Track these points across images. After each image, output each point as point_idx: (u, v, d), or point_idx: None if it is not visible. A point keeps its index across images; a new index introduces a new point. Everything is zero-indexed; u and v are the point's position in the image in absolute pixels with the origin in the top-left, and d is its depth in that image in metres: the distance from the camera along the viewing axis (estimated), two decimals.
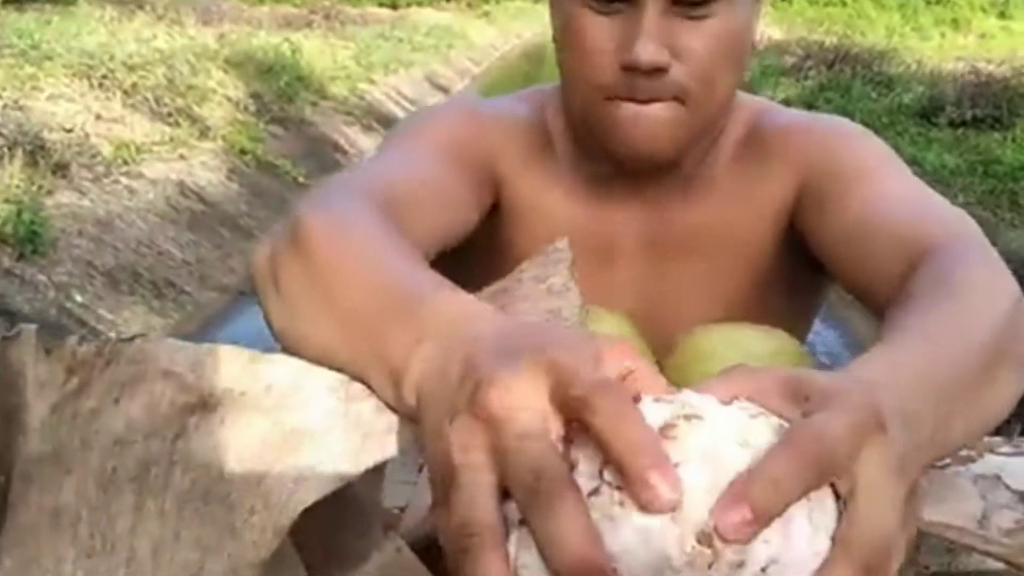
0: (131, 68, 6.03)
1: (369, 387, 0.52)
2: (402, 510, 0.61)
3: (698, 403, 0.40)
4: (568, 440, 0.40)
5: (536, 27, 22.98)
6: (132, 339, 0.50)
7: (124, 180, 5.00)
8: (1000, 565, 0.57)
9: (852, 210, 0.82)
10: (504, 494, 0.39)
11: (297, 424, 0.50)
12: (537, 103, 0.98)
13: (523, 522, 0.38)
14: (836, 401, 0.41)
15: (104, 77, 5.75)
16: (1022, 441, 0.70)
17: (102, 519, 0.48)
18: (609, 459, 0.38)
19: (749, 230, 0.94)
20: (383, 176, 0.81)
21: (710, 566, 0.36)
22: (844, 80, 9.17)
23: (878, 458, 0.40)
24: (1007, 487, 0.61)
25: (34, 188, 4.27)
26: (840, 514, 0.39)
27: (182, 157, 5.60)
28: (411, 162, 0.86)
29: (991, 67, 8.38)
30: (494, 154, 0.93)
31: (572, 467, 0.39)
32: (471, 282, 0.86)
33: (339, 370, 0.54)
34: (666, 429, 0.39)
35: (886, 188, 0.84)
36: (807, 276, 0.95)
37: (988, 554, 0.54)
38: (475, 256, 0.88)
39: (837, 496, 0.39)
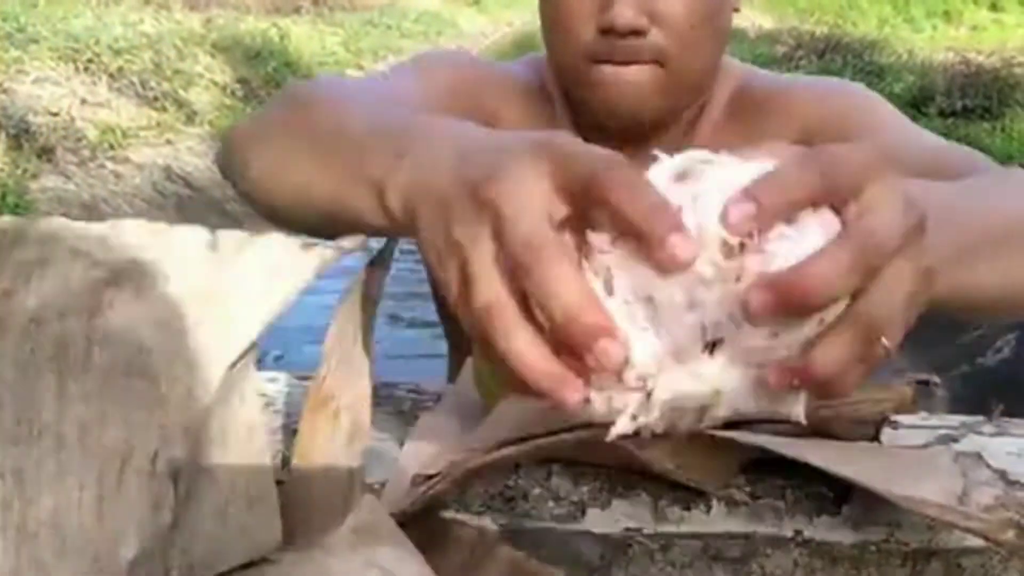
0: (117, 52, 5.99)
1: (350, 213, 0.54)
2: (382, 486, 0.60)
3: (710, 155, 0.42)
4: (572, 221, 0.40)
5: (526, 15, 22.94)
6: (36, 220, 0.49)
7: (110, 164, 4.97)
8: (980, 542, 0.57)
9: None
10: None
11: (208, 284, 0.50)
12: (536, 68, 1.00)
13: None
14: (853, 146, 0.42)
15: (90, 61, 5.72)
16: (1003, 421, 0.71)
17: (26, 405, 0.48)
18: (624, 229, 0.38)
19: None
20: (375, 90, 0.82)
21: (738, 278, 0.37)
22: (835, 70, 9.19)
23: (886, 189, 0.40)
24: (988, 465, 0.62)
25: (19, 172, 4.24)
26: None
27: (168, 142, 5.57)
28: (405, 93, 0.86)
29: (981, 58, 8.42)
30: (493, 110, 0.94)
31: (584, 248, 0.40)
32: None
33: (317, 206, 0.57)
34: (682, 174, 0.40)
35: (903, 139, 0.86)
36: None
37: (968, 530, 0.54)
38: None
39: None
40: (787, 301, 0.36)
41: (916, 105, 7.54)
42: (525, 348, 0.39)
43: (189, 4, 9.41)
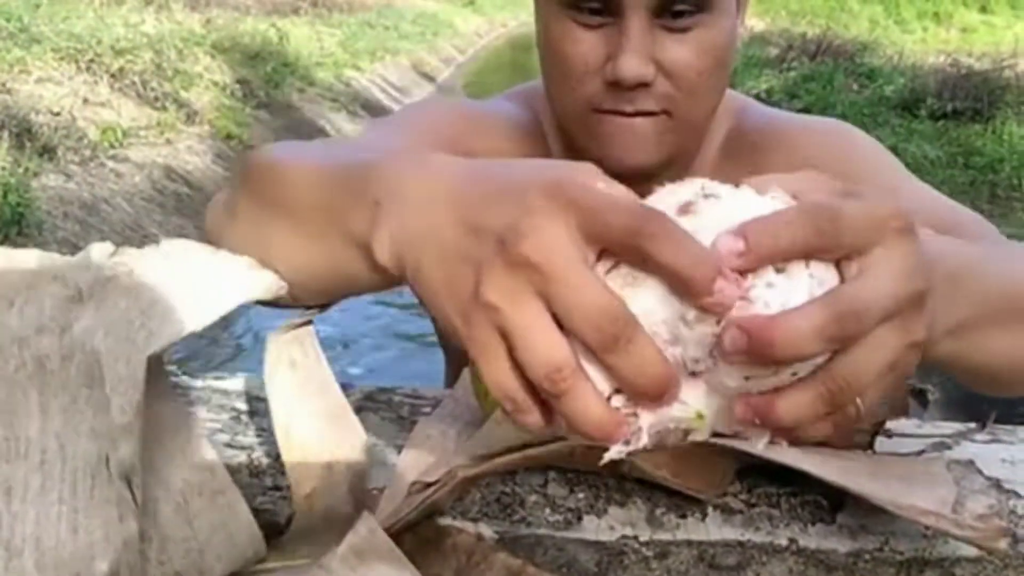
0: (119, 52, 6.00)
1: (342, 280, 0.53)
2: (381, 491, 0.60)
3: (715, 186, 0.41)
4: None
5: (522, 16, 22.90)
6: (24, 250, 0.54)
7: (110, 163, 4.99)
8: (974, 551, 0.57)
9: None
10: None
11: (156, 295, 0.53)
12: (528, 103, 0.97)
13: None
14: (868, 194, 0.40)
15: (92, 61, 5.73)
16: (997, 429, 0.71)
17: (12, 423, 0.49)
18: (674, 281, 0.38)
19: None
20: (343, 145, 0.77)
21: (718, 321, 0.37)
22: (826, 71, 9.18)
23: (892, 254, 0.39)
24: (981, 474, 0.62)
25: (20, 170, 4.26)
26: None
27: (168, 141, 5.60)
28: (383, 145, 0.81)
29: (972, 60, 8.43)
30: (483, 155, 0.87)
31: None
32: None
33: (308, 281, 0.56)
34: (685, 207, 0.40)
35: (909, 191, 0.85)
36: None
37: (962, 539, 0.54)
38: None
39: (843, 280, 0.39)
40: (756, 349, 0.36)
41: (907, 107, 7.54)
42: (591, 403, 0.39)
43: (190, 5, 9.40)
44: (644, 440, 0.40)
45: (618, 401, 0.39)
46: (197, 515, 0.55)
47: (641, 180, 0.86)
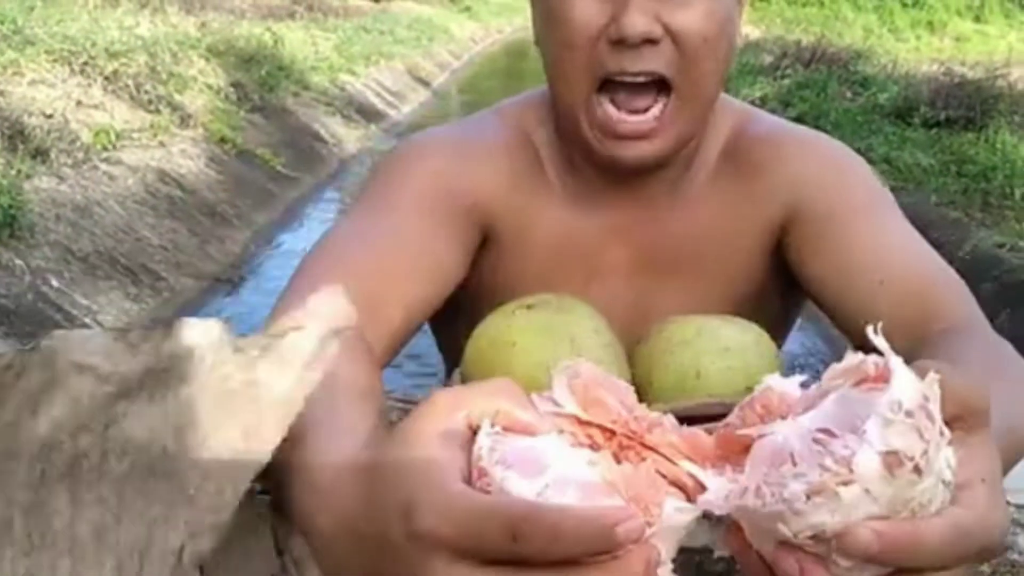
0: (113, 55, 5.98)
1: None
2: None
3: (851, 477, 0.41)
4: None
5: (517, 22, 22.93)
6: (36, 346, 0.50)
7: (103, 166, 4.98)
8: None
9: (850, 256, 0.85)
10: None
11: (224, 387, 0.51)
12: (518, 118, 0.97)
13: None
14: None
15: (86, 64, 5.71)
16: None
17: (37, 519, 0.49)
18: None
19: (734, 243, 0.94)
20: (361, 254, 0.81)
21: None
22: (820, 79, 9.20)
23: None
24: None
25: (13, 172, 4.25)
26: None
27: (162, 144, 5.58)
28: (392, 226, 0.85)
29: (965, 69, 8.45)
30: (478, 190, 0.91)
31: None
32: (461, 313, 0.91)
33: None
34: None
35: (882, 233, 0.87)
36: (785, 291, 0.97)
37: None
38: (465, 285, 0.89)
39: None
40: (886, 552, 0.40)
41: (900, 115, 7.55)
42: None
43: (184, 8, 9.39)
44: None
45: None
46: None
47: (641, 175, 0.90)
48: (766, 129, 0.97)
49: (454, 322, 0.93)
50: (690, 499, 0.45)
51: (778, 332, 0.98)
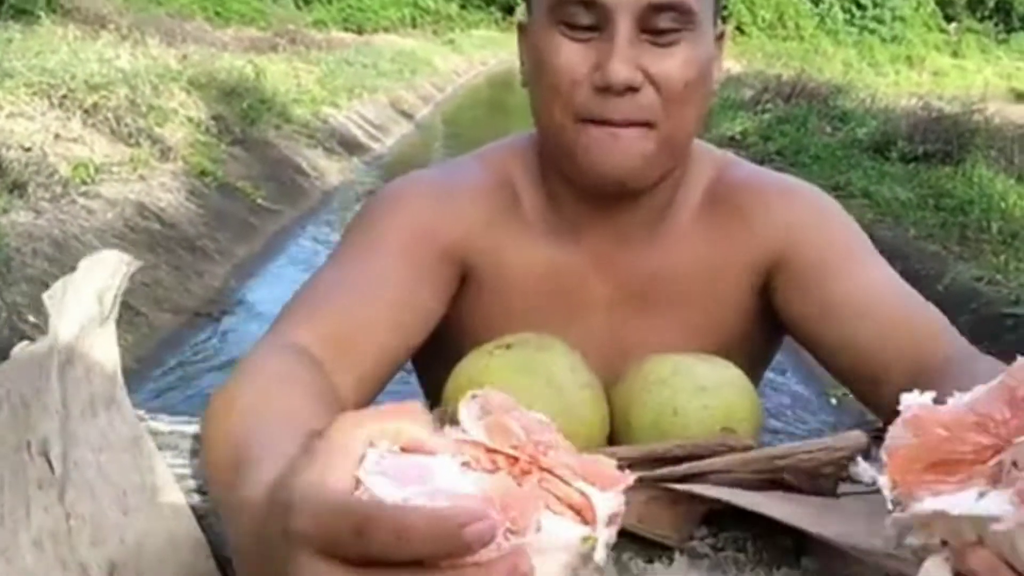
0: (93, 88, 5.98)
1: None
2: None
3: None
4: None
5: (501, 55, 23.11)
6: None
7: (82, 200, 4.95)
8: None
9: (840, 298, 0.89)
10: None
11: None
12: (499, 161, 0.99)
13: None
14: None
15: (65, 96, 5.70)
16: None
17: None
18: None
19: (716, 283, 0.96)
20: (338, 300, 0.85)
21: None
22: (800, 114, 9.31)
23: None
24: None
25: None
26: None
27: (142, 178, 5.56)
28: (372, 272, 0.87)
29: (943, 103, 8.55)
30: (456, 231, 0.93)
31: None
32: (443, 352, 0.91)
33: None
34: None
35: (867, 275, 0.91)
36: (765, 331, 0.99)
37: None
38: (446, 325, 0.92)
39: None
40: None
41: (879, 150, 7.64)
42: None
43: (165, 40, 9.42)
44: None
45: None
46: (136, 509, 0.58)
47: (621, 206, 0.92)
48: (747, 175, 1.00)
49: (436, 361, 0.95)
50: (585, 521, 0.45)
51: (756, 370, 1.00)
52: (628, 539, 0.61)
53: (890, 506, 0.49)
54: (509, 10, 32.15)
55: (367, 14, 27.44)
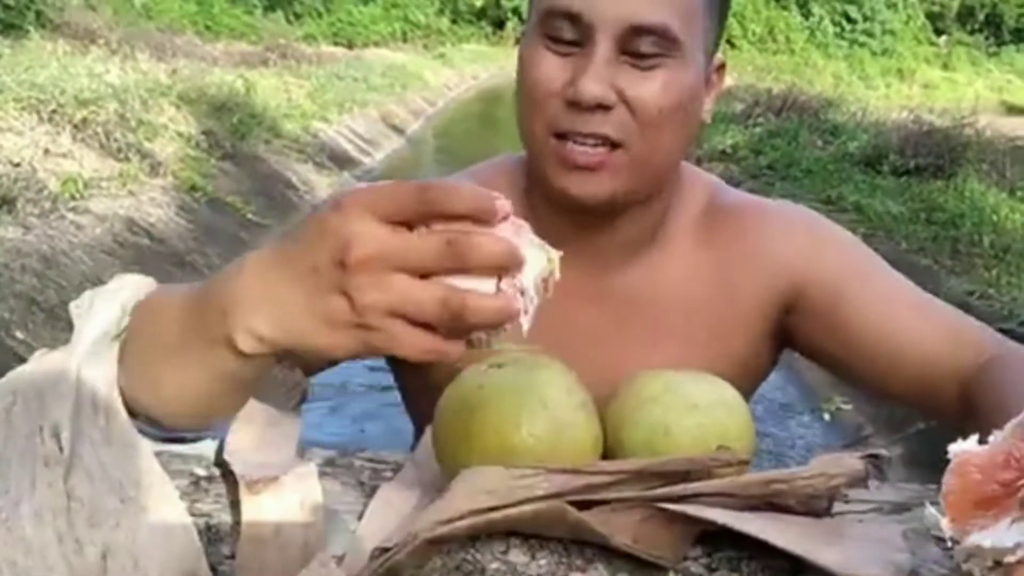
0: (82, 102, 5.96)
1: (220, 375, 0.64)
2: (341, 559, 0.62)
3: None
4: None
5: (491, 70, 23.19)
6: None
7: (71, 215, 4.93)
8: None
9: (870, 328, 0.91)
10: None
11: None
12: (487, 178, 1.01)
13: None
14: None
15: (54, 111, 5.69)
16: None
17: None
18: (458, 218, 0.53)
19: (718, 304, 0.96)
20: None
21: None
22: (791, 128, 9.35)
23: None
24: (938, 539, 0.64)
25: None
26: None
27: (131, 193, 5.54)
28: None
29: (934, 117, 8.61)
30: None
31: None
32: (427, 371, 0.93)
33: (195, 390, 0.67)
34: None
35: (889, 297, 0.93)
36: (765, 353, 1.00)
37: None
38: None
39: None
40: None
41: (870, 163, 7.67)
42: (484, 300, 0.53)
43: (156, 55, 9.42)
44: (533, 297, 0.56)
45: (505, 285, 0.54)
46: (131, 499, 0.62)
47: (598, 226, 0.92)
48: (743, 199, 1.01)
49: (419, 382, 0.96)
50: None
51: (751, 388, 1.01)
52: (623, 559, 0.61)
53: (949, 544, 0.57)
54: (500, 24, 32.29)
55: (358, 28, 27.54)
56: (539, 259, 0.56)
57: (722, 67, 0.94)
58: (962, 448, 0.58)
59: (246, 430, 0.73)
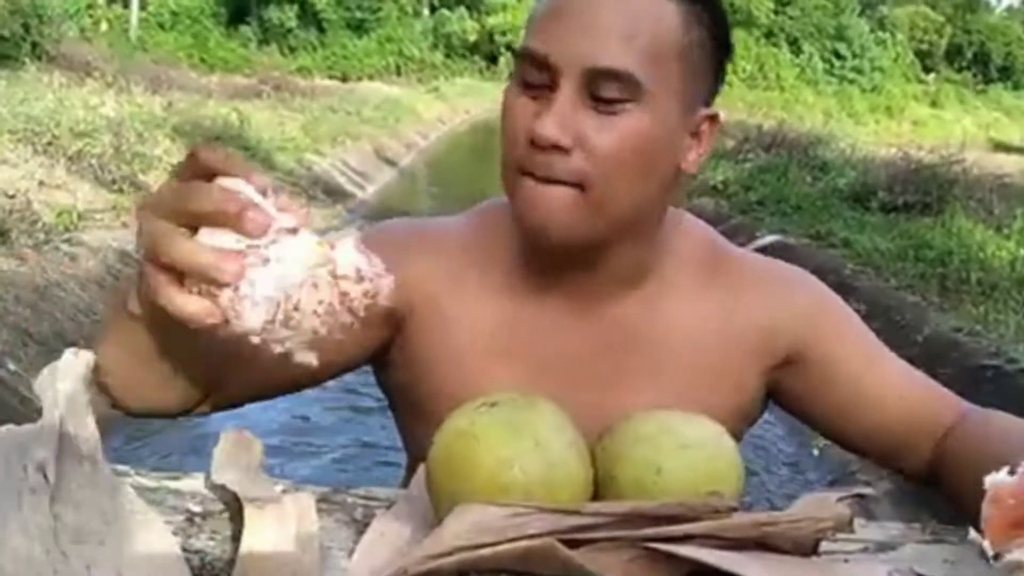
0: (77, 135, 6.00)
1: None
2: None
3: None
4: None
5: (484, 104, 23.30)
6: None
7: (65, 247, 4.94)
8: None
9: (858, 394, 0.98)
10: None
11: None
12: (481, 218, 1.02)
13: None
14: None
15: (49, 143, 5.72)
16: (940, 528, 0.76)
17: None
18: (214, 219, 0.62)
19: (711, 350, 0.97)
20: None
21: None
22: (781, 164, 9.39)
23: None
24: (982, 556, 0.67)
25: None
26: None
27: (125, 225, 5.56)
28: None
29: (922, 154, 8.63)
30: (410, 282, 0.94)
31: None
32: (420, 405, 0.98)
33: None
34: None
35: (874, 365, 0.99)
36: (755, 403, 1.01)
37: None
38: (415, 384, 0.97)
39: None
40: None
41: (859, 200, 7.70)
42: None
43: (151, 87, 9.46)
44: (284, 275, 0.61)
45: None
46: (116, 520, 0.66)
47: (575, 265, 0.93)
48: (745, 254, 1.04)
49: (412, 417, 0.99)
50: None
51: (737, 432, 0.99)
52: None
53: (992, 562, 0.66)
54: (493, 59, 32.49)
55: (351, 62, 27.68)
56: (309, 250, 0.61)
57: (715, 118, 0.93)
58: (996, 480, 0.68)
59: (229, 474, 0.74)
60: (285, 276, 0.61)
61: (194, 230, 0.62)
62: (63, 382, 0.73)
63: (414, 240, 1.00)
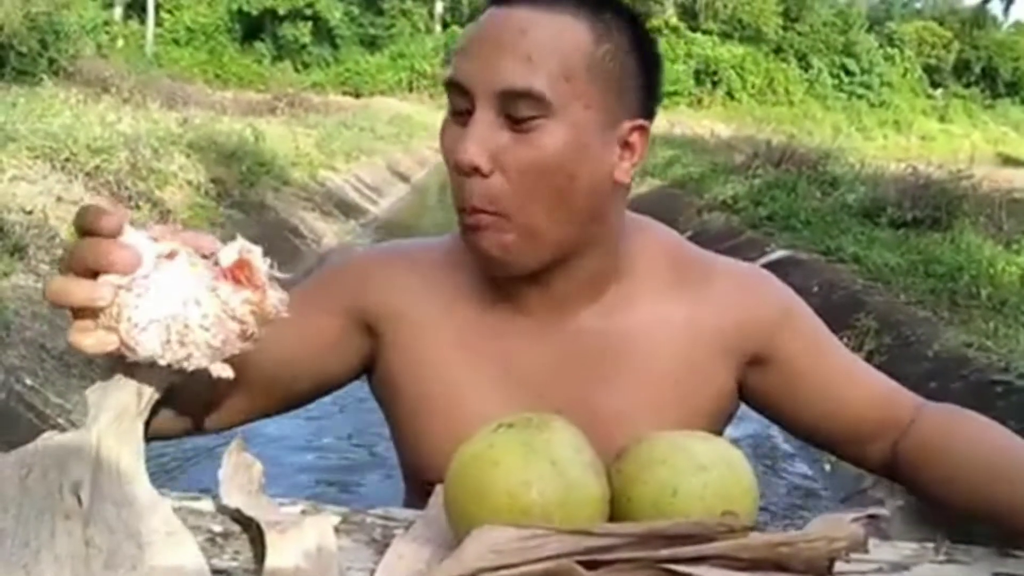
0: (94, 151, 6.04)
1: None
2: None
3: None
4: None
5: None
6: None
7: None
8: None
9: (825, 393, 1.01)
10: None
11: None
12: (456, 235, 1.00)
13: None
14: None
15: (67, 160, 5.76)
16: (953, 549, 0.76)
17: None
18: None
19: (684, 349, 0.98)
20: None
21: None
22: (790, 179, 9.32)
23: None
24: None
25: None
26: None
27: None
28: (292, 319, 0.87)
29: (931, 169, 8.59)
30: (375, 295, 0.99)
31: None
32: (409, 424, 1.01)
33: None
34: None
35: (838, 365, 1.03)
36: (726, 402, 1.03)
37: None
38: (397, 400, 1.00)
39: None
40: None
41: (868, 215, 7.66)
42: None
43: (167, 104, 9.52)
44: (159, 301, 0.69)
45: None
46: (149, 544, 0.67)
47: (531, 276, 0.94)
48: (713, 255, 1.05)
49: (401, 426, 1.02)
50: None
51: (715, 430, 1.02)
52: None
53: None
54: None
55: (365, 78, 27.75)
56: (184, 271, 0.69)
57: (642, 129, 0.92)
58: None
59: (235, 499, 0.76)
60: (165, 299, 0.69)
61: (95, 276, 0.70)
62: (114, 395, 0.74)
63: (392, 257, 1.03)
